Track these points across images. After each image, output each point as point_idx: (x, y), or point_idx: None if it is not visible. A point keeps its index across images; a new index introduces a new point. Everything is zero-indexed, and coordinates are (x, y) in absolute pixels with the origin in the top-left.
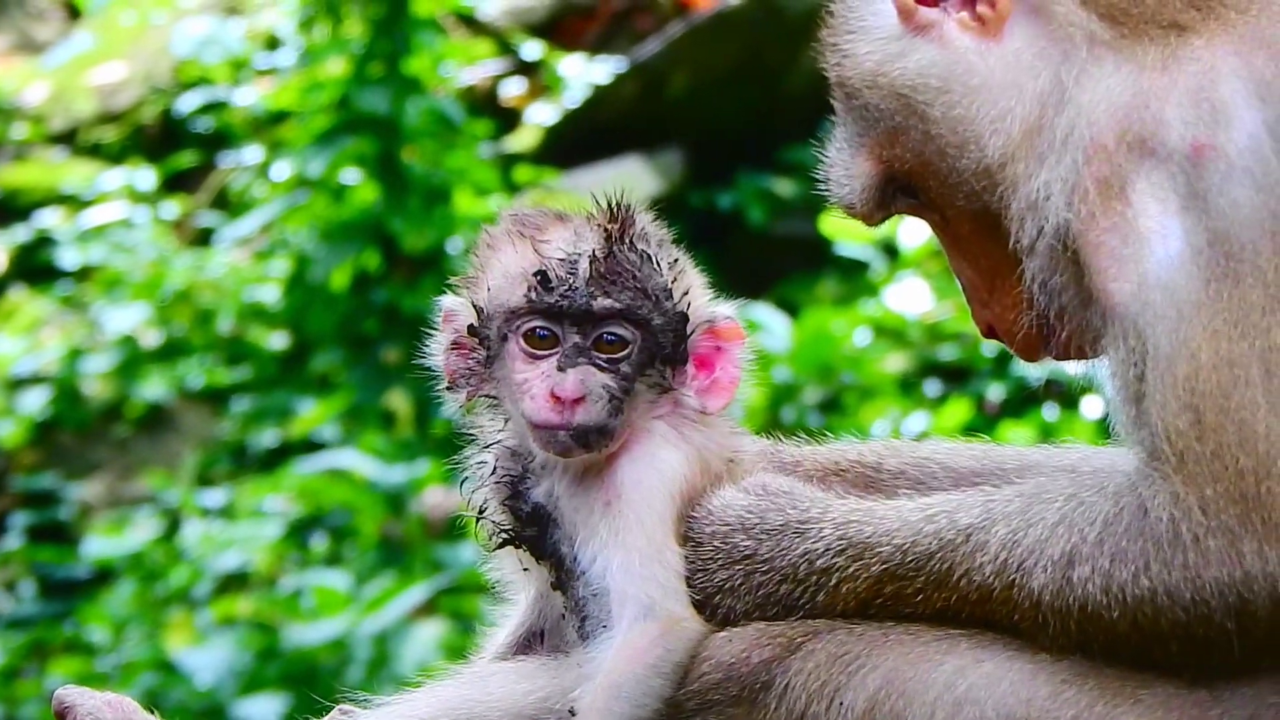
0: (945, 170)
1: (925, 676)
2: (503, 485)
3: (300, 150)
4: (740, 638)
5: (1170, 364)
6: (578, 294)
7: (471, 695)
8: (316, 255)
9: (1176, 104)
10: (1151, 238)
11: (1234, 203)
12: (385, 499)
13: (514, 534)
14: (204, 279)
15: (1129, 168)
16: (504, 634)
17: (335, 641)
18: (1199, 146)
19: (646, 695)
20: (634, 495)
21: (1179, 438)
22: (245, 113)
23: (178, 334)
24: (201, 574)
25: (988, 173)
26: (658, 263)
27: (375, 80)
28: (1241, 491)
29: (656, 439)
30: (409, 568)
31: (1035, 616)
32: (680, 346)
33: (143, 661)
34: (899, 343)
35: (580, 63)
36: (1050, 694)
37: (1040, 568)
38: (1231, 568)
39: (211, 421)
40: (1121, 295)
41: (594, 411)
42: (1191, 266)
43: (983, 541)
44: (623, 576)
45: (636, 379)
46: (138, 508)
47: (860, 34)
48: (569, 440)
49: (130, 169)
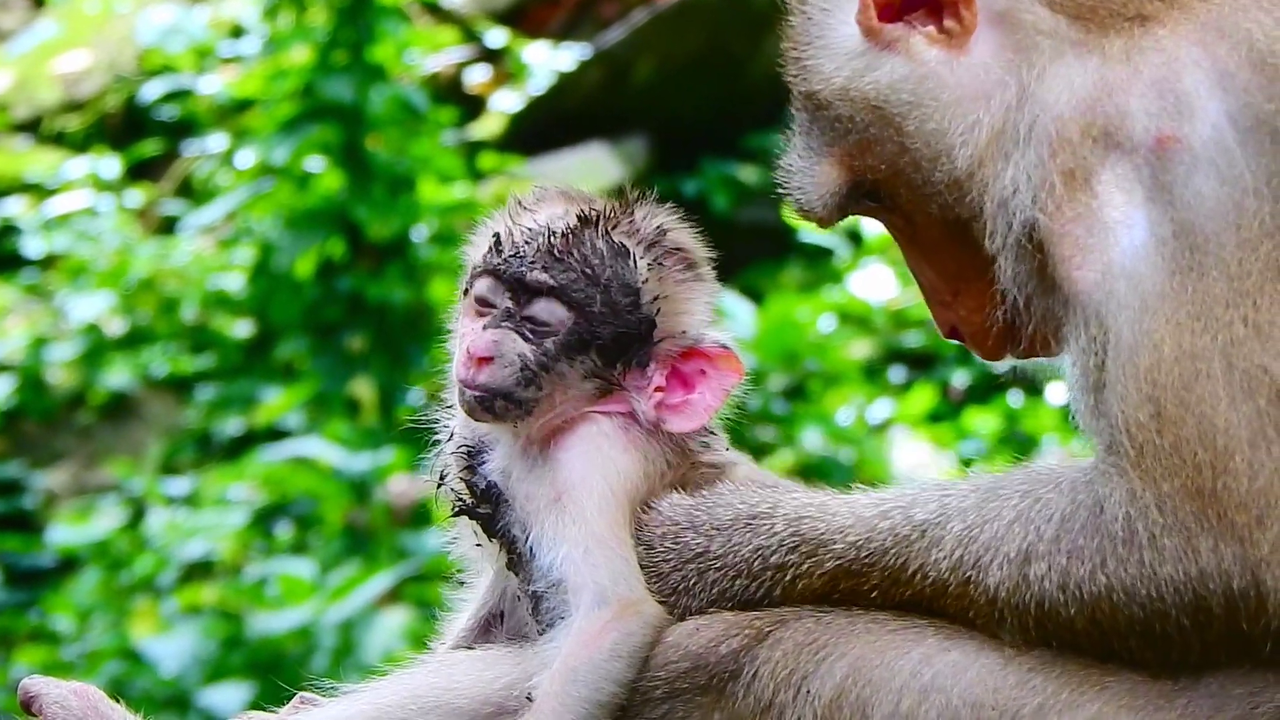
0: (919, 180)
1: (892, 664)
2: (459, 455)
3: (264, 138)
4: (708, 626)
5: (1132, 354)
6: (517, 262)
7: (438, 683)
8: (281, 243)
9: (1140, 95)
10: (1117, 228)
11: (1198, 194)
12: (350, 487)
13: (468, 508)
14: (168, 267)
15: (1094, 160)
16: (464, 617)
17: (300, 630)
18: (1163, 138)
19: (604, 679)
20: (579, 493)
21: (1138, 430)
22: (209, 101)
23: (142, 322)
24: (166, 562)
25: (958, 183)
26: (634, 261)
27: (339, 68)
28: (1198, 487)
29: (604, 439)
30: (374, 556)
31: (992, 613)
32: (637, 349)
33: (108, 650)
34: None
35: (545, 50)
36: (1017, 682)
37: (996, 565)
38: (1187, 565)
39: (176, 410)
40: (1085, 283)
41: (499, 376)
42: (1156, 257)
43: (938, 538)
44: (572, 568)
45: (561, 360)
46: (102, 496)
47: (824, 49)
48: (473, 400)
49: (94, 157)
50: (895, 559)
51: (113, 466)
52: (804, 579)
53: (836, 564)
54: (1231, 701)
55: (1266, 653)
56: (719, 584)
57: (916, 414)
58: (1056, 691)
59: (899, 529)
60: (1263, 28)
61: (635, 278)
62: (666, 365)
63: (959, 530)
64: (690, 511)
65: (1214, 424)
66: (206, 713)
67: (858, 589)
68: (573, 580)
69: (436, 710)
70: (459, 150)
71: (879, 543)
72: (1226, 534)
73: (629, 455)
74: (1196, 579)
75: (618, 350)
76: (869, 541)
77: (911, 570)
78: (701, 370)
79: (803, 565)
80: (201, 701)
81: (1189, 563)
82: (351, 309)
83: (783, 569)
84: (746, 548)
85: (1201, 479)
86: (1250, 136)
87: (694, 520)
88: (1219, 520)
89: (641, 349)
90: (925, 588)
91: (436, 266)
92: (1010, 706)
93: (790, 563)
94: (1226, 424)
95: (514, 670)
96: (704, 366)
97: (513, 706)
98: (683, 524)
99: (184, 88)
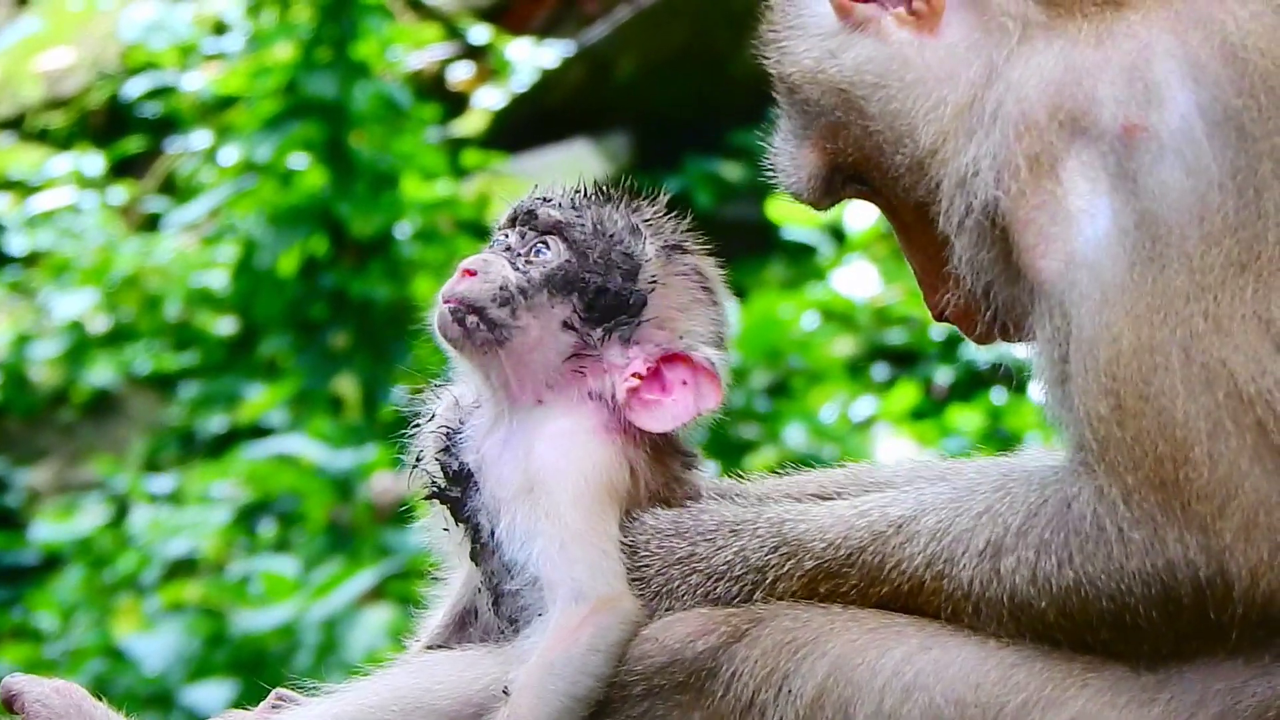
0: (885, 163)
1: (874, 663)
2: (438, 435)
3: (248, 135)
4: (683, 621)
5: (1092, 347)
6: (539, 201)
7: (418, 683)
8: (264, 240)
9: (1110, 82)
10: (1080, 216)
11: (1163, 185)
12: (333, 484)
13: (439, 490)
14: (151, 264)
15: (1060, 145)
16: (439, 614)
17: (283, 627)
18: (1130, 127)
19: (582, 673)
20: (553, 484)
21: (1100, 423)
22: (193, 98)
23: (125, 319)
24: (149, 560)
25: (920, 164)
26: (644, 242)
27: (323, 65)
28: (1161, 478)
29: (581, 430)
30: (357, 553)
31: (968, 607)
32: (622, 319)
33: (91, 648)
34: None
35: (527, 47)
36: (999, 679)
37: (968, 558)
38: (1154, 557)
39: (159, 407)
40: (1049, 273)
41: (477, 287)
42: (1117, 248)
43: (913, 533)
44: (546, 564)
45: (542, 291)
46: (86, 493)
47: (799, 30)
48: (446, 313)
49: (78, 154)
50: (872, 556)
51: (96, 464)
52: (784, 581)
53: (815, 564)
54: (1213, 696)
55: (1234, 640)
56: (702, 586)
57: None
58: (1040, 688)
59: (875, 525)
60: (1236, 19)
61: (639, 254)
62: (651, 359)
63: (932, 524)
64: (676, 520)
65: (1173, 416)
66: (189, 711)
67: (836, 590)
68: (548, 576)
69: (418, 711)
70: (442, 147)
71: (856, 540)
72: (1191, 524)
73: (606, 449)
74: (1164, 570)
75: (602, 309)
76: (846, 540)
77: (888, 567)
78: (684, 381)
79: (783, 567)
80: (184, 700)
81: (1156, 555)
82: (335, 306)
83: (763, 571)
84: (730, 550)
85: (1164, 471)
86: (1218, 130)
87: (679, 527)
88: (1183, 511)
89: (626, 322)
90: (903, 584)
91: (419, 263)
92: (993, 704)
93: (770, 564)
94: (1185, 416)
95: (495, 670)
96: (687, 378)
97: (495, 707)
98: (668, 530)
99: (167, 85)
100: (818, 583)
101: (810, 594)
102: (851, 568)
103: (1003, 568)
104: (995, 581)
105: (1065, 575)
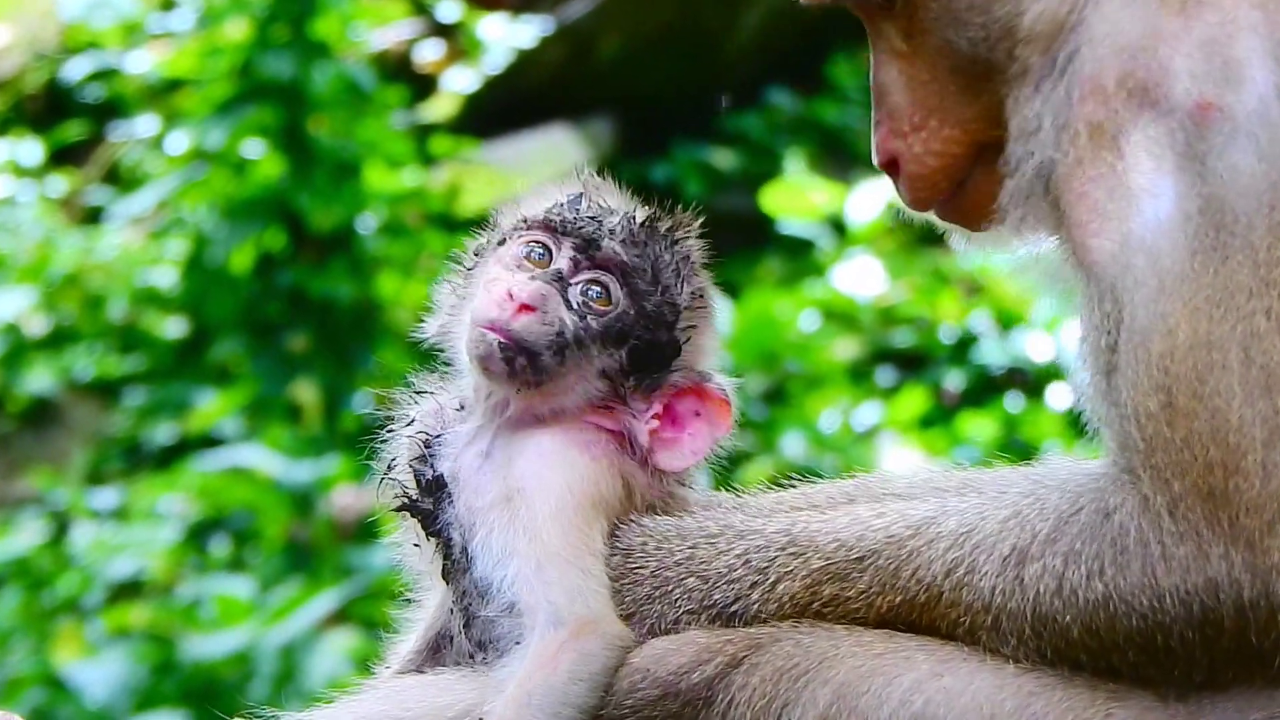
0: (964, 4)
1: (880, 691)
2: (415, 442)
3: (198, 121)
4: (678, 651)
5: (1145, 337)
6: (596, 225)
7: (388, 710)
8: (216, 235)
9: (1187, 54)
10: (1141, 195)
11: (1233, 169)
12: (291, 499)
13: (410, 501)
14: (94, 261)
15: (1126, 115)
16: (412, 639)
17: (238, 654)
18: (1204, 104)
19: (562, 704)
20: (533, 495)
21: (1149, 420)
22: (138, 80)
23: (65, 321)
24: (92, 581)
25: (1010, 34)
26: (683, 279)
27: (279, 44)
28: (1209, 487)
29: (567, 441)
30: (317, 573)
31: (986, 620)
32: (656, 370)
33: (29, 676)
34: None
35: (502, 24)
36: (1015, 709)
37: (990, 565)
38: (1195, 574)
39: (102, 416)
40: (1101, 254)
41: (535, 329)
42: (1179, 233)
43: (933, 536)
44: (524, 586)
45: (596, 343)
46: (22, 509)
47: None
48: (495, 346)
49: (13, 141)
50: (887, 561)
51: (34, 477)
52: (786, 581)
53: (824, 564)
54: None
55: (1276, 667)
56: (699, 590)
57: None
58: (1059, 718)
59: (892, 528)
60: None
61: (679, 300)
62: (665, 397)
63: (953, 527)
64: (679, 523)
65: (1227, 420)
66: None
67: (843, 595)
68: (525, 600)
69: None
70: (409, 133)
71: (870, 541)
72: (1238, 540)
73: (595, 462)
74: (1205, 588)
75: (644, 362)
76: (861, 541)
77: (904, 574)
78: (696, 412)
79: (789, 565)
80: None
81: (1197, 571)
82: (293, 306)
83: (765, 571)
84: (732, 553)
85: (1212, 478)
86: None
87: (682, 530)
88: (1230, 525)
89: (659, 373)
90: (919, 593)
91: (384, 259)
92: None
93: (776, 561)
94: (1240, 421)
95: (470, 696)
96: (699, 409)
97: None
98: (668, 533)
99: (110, 66)
100: (822, 585)
101: (812, 598)
102: (863, 572)
103: (1027, 577)
104: (1018, 592)
105: (1094, 588)
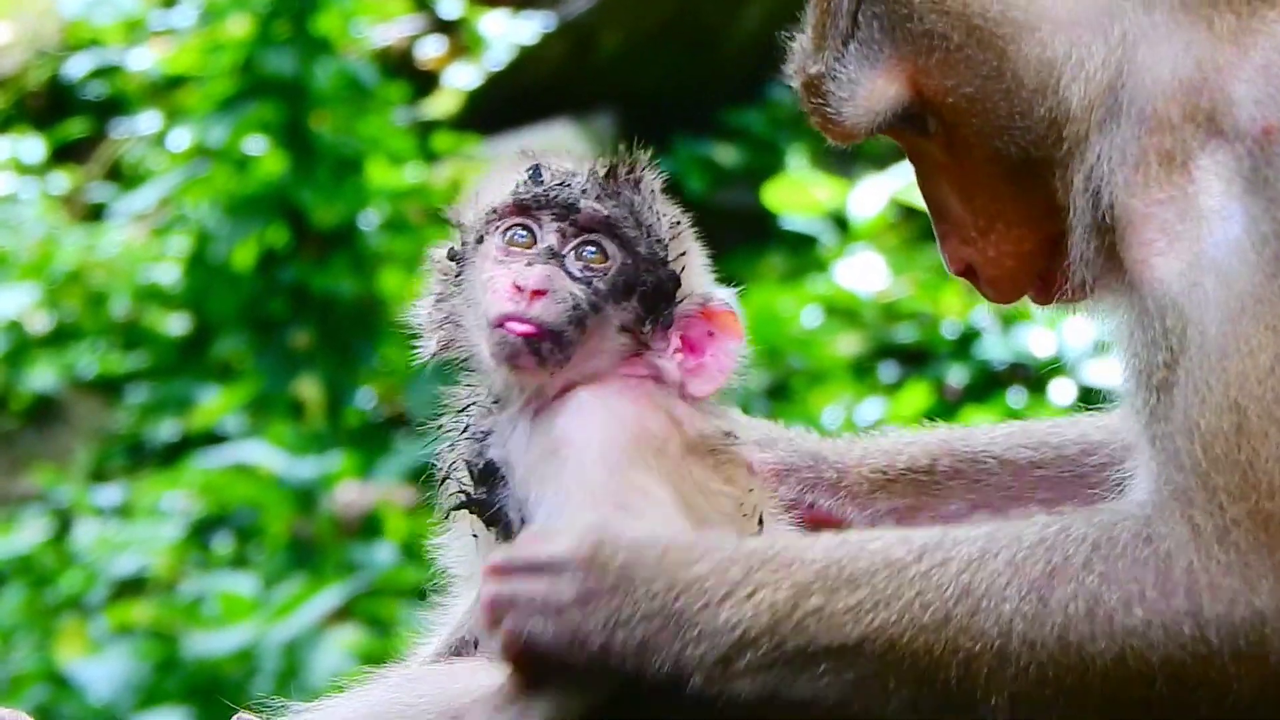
0: (1005, 111)
1: None
2: (470, 441)
3: (200, 118)
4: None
5: (1221, 357)
6: (566, 191)
7: (400, 699)
8: (218, 231)
9: (1247, 81)
10: (1211, 217)
11: None
12: (294, 495)
13: (468, 494)
14: (96, 258)
15: (1193, 143)
16: (434, 642)
17: (241, 651)
18: (1270, 128)
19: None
20: (580, 440)
21: (1215, 438)
22: (140, 77)
23: (68, 318)
24: (95, 578)
25: (1056, 124)
26: (658, 214)
27: (281, 41)
28: (1266, 515)
29: (611, 393)
30: (320, 570)
31: (998, 647)
32: (665, 307)
33: (32, 673)
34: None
35: (503, 20)
36: None
37: (1014, 588)
38: (1244, 606)
39: (105, 413)
40: (1166, 271)
41: (553, 310)
42: (1252, 255)
43: (942, 559)
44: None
45: (608, 303)
46: (25, 506)
47: None
48: (520, 342)
49: (16, 139)
50: (886, 582)
51: (36, 474)
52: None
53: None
54: None
55: None
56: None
57: (910, 415)
58: None
59: (892, 550)
60: None
61: (662, 228)
62: (680, 329)
63: (968, 553)
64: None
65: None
66: None
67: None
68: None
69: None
70: (411, 130)
71: (865, 562)
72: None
73: (635, 404)
74: (1252, 621)
75: (654, 303)
76: (854, 560)
77: (906, 597)
78: (709, 333)
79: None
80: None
81: (1245, 604)
82: (295, 302)
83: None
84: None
85: (1272, 505)
86: None
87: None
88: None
89: (669, 307)
90: (922, 616)
91: (387, 256)
92: None
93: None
94: None
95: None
96: (710, 329)
97: None
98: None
99: (112, 63)
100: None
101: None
102: (857, 587)
103: (1055, 598)
104: (1044, 616)
105: (1134, 614)
